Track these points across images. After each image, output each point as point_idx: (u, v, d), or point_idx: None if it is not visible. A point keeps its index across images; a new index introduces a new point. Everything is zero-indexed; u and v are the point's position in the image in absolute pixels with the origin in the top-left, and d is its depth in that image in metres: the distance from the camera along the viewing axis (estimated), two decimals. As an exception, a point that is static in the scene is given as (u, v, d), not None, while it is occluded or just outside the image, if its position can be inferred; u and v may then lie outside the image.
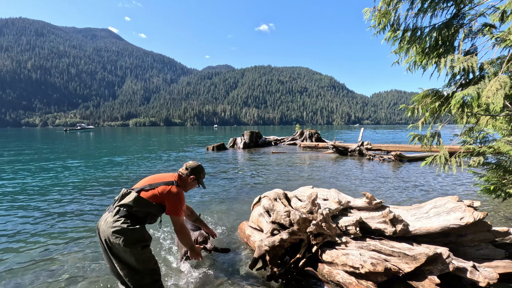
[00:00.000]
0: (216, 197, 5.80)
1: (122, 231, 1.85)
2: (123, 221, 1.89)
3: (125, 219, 1.91)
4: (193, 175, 2.34)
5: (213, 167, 9.84)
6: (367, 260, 2.20)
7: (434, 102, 3.45)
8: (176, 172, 2.35)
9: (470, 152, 4.08)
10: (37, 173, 8.73)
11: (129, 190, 2.06)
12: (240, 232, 3.68)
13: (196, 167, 2.36)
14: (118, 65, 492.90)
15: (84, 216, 4.59)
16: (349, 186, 6.74)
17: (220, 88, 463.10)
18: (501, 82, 2.35)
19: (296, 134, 20.67)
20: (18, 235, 3.82)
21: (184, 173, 2.33)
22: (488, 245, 2.44)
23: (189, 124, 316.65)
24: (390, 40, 3.64)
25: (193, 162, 2.42)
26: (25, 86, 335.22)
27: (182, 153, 15.21)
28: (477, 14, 3.06)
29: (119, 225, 1.86)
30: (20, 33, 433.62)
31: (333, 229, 2.58)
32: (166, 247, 3.34)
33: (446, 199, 2.54)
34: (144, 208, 2.00)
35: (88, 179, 7.66)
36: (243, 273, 2.78)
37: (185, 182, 2.33)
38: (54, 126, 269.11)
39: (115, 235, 1.84)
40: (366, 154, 12.55)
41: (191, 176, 2.33)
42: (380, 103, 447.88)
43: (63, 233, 3.90)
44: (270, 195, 3.40)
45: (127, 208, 1.95)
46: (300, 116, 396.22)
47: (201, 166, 2.40)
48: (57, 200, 5.62)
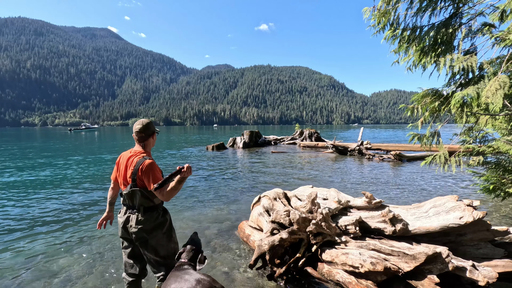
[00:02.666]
0: (216, 196, 5.80)
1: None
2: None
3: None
4: (152, 132, 2.09)
5: (212, 167, 9.83)
6: (367, 259, 2.20)
7: (433, 101, 3.45)
8: (136, 148, 2.08)
9: (470, 152, 4.08)
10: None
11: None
12: (239, 232, 3.69)
13: (149, 125, 2.06)
14: (118, 65, 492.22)
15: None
16: (348, 186, 6.74)
17: (219, 87, 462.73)
18: (501, 82, 2.35)
19: (296, 134, 20.67)
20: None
21: (149, 138, 2.08)
22: (487, 244, 2.45)
23: (189, 124, 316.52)
24: (389, 40, 3.63)
25: (139, 123, 2.06)
26: (25, 85, 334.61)
27: (182, 151, 15.21)
28: (476, 14, 3.06)
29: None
30: (19, 33, 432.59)
31: (332, 229, 2.58)
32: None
33: (446, 198, 2.54)
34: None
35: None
36: (243, 273, 2.78)
37: (151, 145, 2.14)
38: (53, 126, 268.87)
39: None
40: (365, 153, 12.55)
41: (153, 136, 2.12)
42: (379, 102, 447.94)
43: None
44: (270, 195, 3.41)
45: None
46: (300, 115, 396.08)
47: (149, 121, 2.09)
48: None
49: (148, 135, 2.07)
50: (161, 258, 2.03)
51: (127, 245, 2.07)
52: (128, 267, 2.09)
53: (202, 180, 7.50)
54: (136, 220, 1.94)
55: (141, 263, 2.11)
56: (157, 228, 2.01)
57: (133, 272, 2.08)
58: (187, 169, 1.87)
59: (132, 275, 2.08)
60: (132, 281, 2.08)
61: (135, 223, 1.94)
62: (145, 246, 1.97)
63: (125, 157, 2.05)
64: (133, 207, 1.98)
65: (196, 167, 9.75)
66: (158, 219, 2.01)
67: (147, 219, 1.96)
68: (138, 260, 2.09)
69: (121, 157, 2.09)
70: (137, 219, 1.94)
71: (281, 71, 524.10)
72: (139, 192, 1.94)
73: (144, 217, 1.95)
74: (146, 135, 2.05)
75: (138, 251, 2.07)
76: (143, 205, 1.96)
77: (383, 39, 3.66)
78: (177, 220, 4.22)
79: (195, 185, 6.87)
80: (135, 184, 1.94)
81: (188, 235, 3.77)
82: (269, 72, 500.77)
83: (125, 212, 2.00)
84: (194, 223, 4.19)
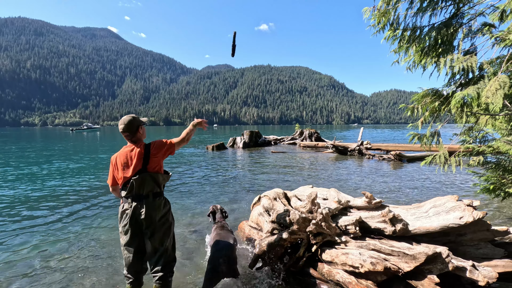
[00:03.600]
0: (216, 196, 5.80)
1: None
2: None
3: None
4: (137, 127, 2.08)
5: (212, 167, 9.83)
6: (367, 259, 2.20)
7: (433, 101, 3.45)
8: (131, 143, 2.10)
9: (470, 152, 4.08)
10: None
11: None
12: (239, 232, 3.69)
13: (131, 122, 2.05)
14: (118, 65, 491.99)
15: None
16: (348, 186, 6.74)
17: (219, 87, 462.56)
18: (501, 82, 2.35)
19: (296, 134, 20.67)
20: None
21: (136, 133, 2.09)
22: (487, 244, 2.45)
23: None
24: (389, 40, 3.63)
25: (121, 122, 2.07)
26: (25, 85, 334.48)
27: (182, 151, 15.20)
28: (476, 14, 3.06)
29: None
30: (19, 33, 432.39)
31: (332, 229, 2.58)
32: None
33: (446, 198, 2.54)
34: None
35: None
36: (242, 273, 2.78)
37: (142, 137, 2.16)
38: (53, 126, 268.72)
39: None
40: (365, 153, 12.55)
41: (139, 130, 2.11)
42: (379, 102, 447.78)
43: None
44: (270, 195, 3.41)
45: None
46: (300, 115, 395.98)
47: (130, 118, 2.08)
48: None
49: (133, 132, 2.06)
50: (164, 248, 2.06)
51: (131, 239, 2.03)
52: (129, 264, 2.06)
53: (202, 180, 7.50)
54: (147, 205, 1.97)
55: (142, 259, 2.11)
56: (165, 215, 2.08)
57: (134, 269, 2.07)
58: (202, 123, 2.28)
59: (134, 272, 2.07)
60: (134, 278, 2.08)
61: (146, 209, 1.96)
62: (153, 233, 2.00)
63: (122, 153, 2.05)
64: (140, 196, 1.98)
65: (196, 167, 9.75)
66: (166, 205, 2.11)
67: (157, 204, 2.02)
68: (140, 256, 2.08)
69: (116, 157, 2.08)
70: (147, 205, 1.97)
71: (281, 71, 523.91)
72: (148, 177, 1.98)
73: (154, 202, 2.00)
74: (131, 132, 2.05)
75: (142, 245, 2.06)
76: (152, 191, 2.00)
77: (383, 39, 3.66)
78: (176, 220, 4.21)
79: (195, 185, 6.87)
80: (145, 169, 1.99)
81: (188, 235, 3.78)
82: (269, 72, 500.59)
83: (131, 204, 1.98)
84: (194, 223, 4.19)
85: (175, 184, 6.97)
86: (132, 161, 2.01)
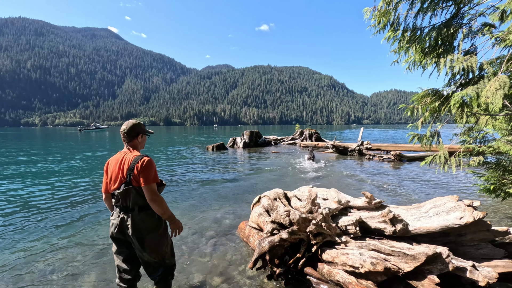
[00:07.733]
0: (216, 196, 5.80)
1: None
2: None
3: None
4: (137, 133, 2.07)
5: (212, 167, 9.83)
6: (367, 259, 2.20)
7: (433, 101, 3.45)
8: (126, 148, 2.06)
9: (470, 152, 4.08)
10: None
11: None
12: (240, 232, 3.69)
13: (134, 126, 2.04)
14: (118, 65, 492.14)
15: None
16: (348, 186, 6.74)
17: (220, 87, 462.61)
18: (501, 82, 2.35)
19: (296, 134, 20.67)
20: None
21: (134, 140, 2.06)
22: (487, 245, 2.45)
23: (189, 124, 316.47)
24: (389, 40, 3.63)
25: (125, 124, 2.06)
26: (25, 85, 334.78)
27: (182, 151, 15.21)
28: (476, 14, 3.06)
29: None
30: (20, 33, 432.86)
31: (333, 229, 2.58)
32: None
33: (446, 198, 2.54)
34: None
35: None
36: (243, 273, 2.78)
37: (139, 146, 2.12)
38: (53, 126, 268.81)
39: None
40: (366, 153, 12.55)
41: (138, 138, 2.09)
42: (379, 102, 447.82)
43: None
44: (270, 195, 3.41)
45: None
46: (300, 115, 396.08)
47: (135, 123, 2.07)
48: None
49: (132, 137, 2.03)
50: (159, 259, 2.00)
51: (121, 248, 2.01)
52: (122, 272, 2.01)
53: (202, 180, 7.50)
54: (132, 220, 1.89)
55: (136, 267, 2.05)
56: (154, 228, 1.97)
57: (127, 277, 2.01)
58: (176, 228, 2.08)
59: (127, 280, 2.02)
60: (127, 286, 2.02)
61: (132, 223, 1.88)
62: (143, 246, 1.92)
63: (115, 160, 1.99)
64: (127, 207, 1.92)
65: (196, 167, 9.75)
66: (154, 218, 1.97)
67: (143, 218, 1.92)
68: (133, 264, 2.03)
69: (108, 162, 2.03)
70: (133, 219, 1.89)
71: (281, 71, 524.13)
72: (133, 190, 1.89)
73: (140, 216, 1.91)
74: (129, 136, 2.02)
75: (133, 254, 2.02)
76: (137, 203, 1.91)
77: (383, 39, 3.66)
78: (177, 220, 4.21)
79: (195, 185, 6.87)
80: (130, 182, 1.88)
81: (188, 235, 3.77)
82: (269, 72, 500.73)
83: (119, 214, 1.93)
84: (194, 223, 4.19)
85: (175, 185, 6.97)
86: (119, 172, 1.93)
